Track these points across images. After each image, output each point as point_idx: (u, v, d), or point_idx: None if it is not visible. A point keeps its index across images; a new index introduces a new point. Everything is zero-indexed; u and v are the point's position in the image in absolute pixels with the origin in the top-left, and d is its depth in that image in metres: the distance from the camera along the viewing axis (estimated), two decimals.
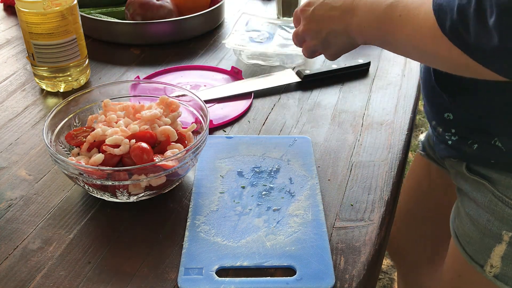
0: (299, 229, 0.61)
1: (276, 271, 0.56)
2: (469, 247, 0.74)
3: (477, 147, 0.69)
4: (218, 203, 0.65)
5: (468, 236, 0.74)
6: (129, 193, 0.62)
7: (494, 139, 0.66)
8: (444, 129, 0.73)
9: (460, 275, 0.78)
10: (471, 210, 0.73)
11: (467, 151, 0.70)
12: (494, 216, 0.69)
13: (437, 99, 0.72)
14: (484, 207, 0.70)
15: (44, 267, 0.57)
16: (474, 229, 0.72)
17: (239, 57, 0.99)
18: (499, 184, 0.68)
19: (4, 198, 0.66)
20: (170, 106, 0.70)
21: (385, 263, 1.70)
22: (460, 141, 0.71)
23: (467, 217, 0.74)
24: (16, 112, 0.83)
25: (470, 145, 0.69)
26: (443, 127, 0.73)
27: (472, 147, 0.69)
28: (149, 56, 1.01)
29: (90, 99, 0.73)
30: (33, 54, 0.85)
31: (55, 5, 0.81)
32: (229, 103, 0.86)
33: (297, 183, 0.68)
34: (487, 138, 0.67)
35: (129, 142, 0.62)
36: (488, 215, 0.70)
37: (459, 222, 0.76)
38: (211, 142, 0.75)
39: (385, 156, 0.74)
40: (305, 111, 0.84)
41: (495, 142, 0.66)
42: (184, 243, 0.59)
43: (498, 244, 0.69)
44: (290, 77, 0.92)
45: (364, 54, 1.00)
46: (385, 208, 0.65)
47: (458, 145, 0.71)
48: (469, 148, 0.70)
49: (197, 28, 1.07)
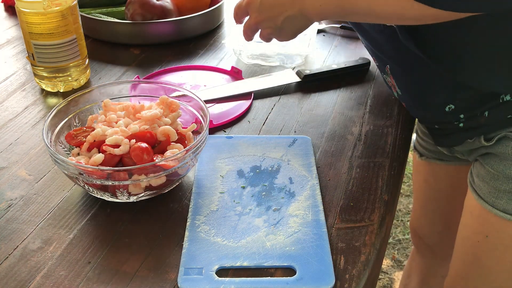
0: (299, 229, 0.61)
1: (276, 271, 0.56)
2: (498, 201, 0.73)
3: (489, 113, 0.70)
4: (218, 203, 0.65)
5: (495, 190, 0.73)
6: (129, 193, 0.62)
7: (501, 96, 0.68)
8: (450, 120, 0.74)
9: (487, 236, 0.77)
10: (494, 165, 0.72)
11: (481, 122, 0.71)
12: None
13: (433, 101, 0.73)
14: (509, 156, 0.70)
15: (44, 267, 0.57)
16: (500, 183, 0.72)
17: (239, 57, 0.99)
18: None
19: (4, 198, 0.66)
20: (170, 106, 0.70)
21: (385, 263, 1.70)
22: (471, 118, 0.72)
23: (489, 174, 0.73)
24: (16, 112, 0.83)
25: (481, 115, 0.70)
26: (449, 120, 0.74)
27: (484, 115, 0.70)
28: (149, 56, 1.01)
29: (90, 99, 0.73)
30: (33, 54, 0.85)
31: (55, 5, 0.81)
32: (229, 103, 0.86)
33: (297, 183, 0.68)
34: (494, 100, 0.68)
35: (129, 142, 0.62)
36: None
37: (481, 182, 0.75)
38: (211, 142, 0.75)
39: (385, 156, 0.74)
40: (305, 111, 0.84)
41: (502, 99, 0.68)
42: (184, 243, 0.59)
43: None
44: (290, 77, 0.92)
45: (364, 54, 1.00)
46: (385, 208, 0.65)
47: (470, 124, 0.72)
48: (482, 118, 0.71)
49: (197, 28, 1.07)
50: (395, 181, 0.70)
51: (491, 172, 0.73)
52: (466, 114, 0.72)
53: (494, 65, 0.67)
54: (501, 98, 0.68)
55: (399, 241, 1.78)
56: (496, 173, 0.72)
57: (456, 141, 0.77)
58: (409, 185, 2.01)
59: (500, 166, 0.72)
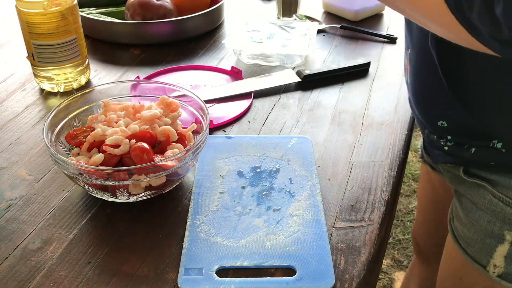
0: (299, 229, 0.61)
1: (276, 271, 0.56)
2: (470, 248, 0.74)
3: (475, 150, 0.68)
4: (218, 203, 0.65)
5: (468, 237, 0.74)
6: (129, 193, 0.62)
7: (492, 141, 0.66)
8: (439, 136, 0.73)
9: (461, 278, 0.78)
10: (470, 212, 0.72)
11: (465, 156, 0.70)
12: (495, 217, 0.69)
13: (431, 108, 0.72)
14: (484, 208, 0.70)
15: (44, 267, 0.57)
16: (474, 231, 0.72)
17: (239, 57, 0.99)
18: (499, 185, 0.67)
19: (4, 198, 0.66)
20: (170, 106, 0.70)
21: (385, 263, 1.70)
22: (457, 146, 0.70)
23: (466, 218, 0.73)
24: (16, 112, 0.83)
25: (467, 149, 0.69)
26: (437, 135, 0.73)
27: (470, 151, 0.69)
28: (149, 56, 1.01)
29: (90, 99, 0.73)
30: (33, 54, 0.85)
31: (55, 5, 0.81)
32: (229, 103, 0.86)
33: (297, 183, 0.68)
34: (486, 141, 0.67)
35: (129, 142, 0.62)
36: (489, 216, 0.69)
37: (458, 224, 0.76)
38: (211, 142, 0.75)
39: (385, 156, 0.74)
40: (305, 111, 0.84)
41: (493, 145, 0.66)
42: (184, 243, 0.59)
43: (501, 244, 0.69)
44: (290, 77, 0.92)
45: (364, 54, 1.00)
46: (385, 208, 0.65)
47: (454, 151, 0.71)
48: (467, 153, 0.69)
49: (197, 28, 1.07)
50: (395, 181, 0.70)
51: (468, 218, 0.73)
52: (454, 138, 0.71)
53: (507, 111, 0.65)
54: (492, 143, 0.66)
55: (399, 241, 1.78)
56: (472, 220, 0.72)
57: (437, 158, 0.75)
58: (409, 185, 2.01)
59: (475, 215, 0.71)
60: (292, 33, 1.02)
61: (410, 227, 1.84)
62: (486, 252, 0.71)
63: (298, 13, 1.15)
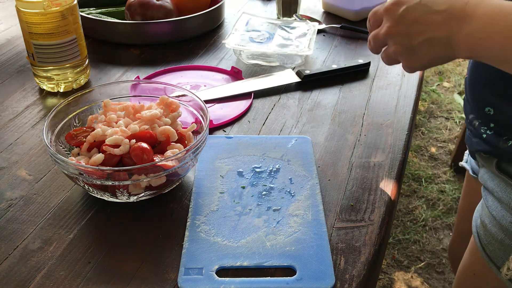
0: (299, 229, 0.61)
1: (276, 271, 0.56)
2: (489, 247, 0.73)
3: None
4: (218, 203, 0.65)
5: (489, 235, 0.73)
6: (129, 193, 0.62)
7: None
8: (481, 123, 0.72)
9: (475, 274, 0.77)
10: (495, 210, 0.72)
11: (501, 147, 0.69)
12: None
13: (483, 92, 0.70)
14: (508, 209, 0.69)
15: (44, 267, 0.57)
16: (496, 230, 0.71)
17: (239, 57, 0.99)
18: None
19: (4, 198, 0.66)
20: (170, 106, 0.70)
21: (385, 263, 1.70)
22: (495, 136, 0.70)
23: (490, 217, 0.73)
24: (16, 112, 0.83)
25: (505, 141, 0.69)
26: (481, 121, 0.72)
27: (507, 143, 0.68)
28: (149, 56, 1.01)
29: (90, 99, 0.73)
30: (33, 54, 0.85)
31: (55, 5, 0.81)
32: (229, 103, 0.86)
33: (297, 183, 0.68)
34: None
35: (129, 142, 0.62)
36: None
37: (482, 221, 0.75)
38: (211, 142, 0.75)
39: (385, 156, 0.74)
40: (305, 111, 0.84)
41: None
42: (184, 243, 0.59)
43: None
44: (290, 77, 0.92)
45: (364, 54, 1.00)
46: (385, 208, 0.65)
47: (492, 140, 0.70)
48: (504, 144, 0.69)
49: (197, 28, 1.07)
50: (395, 181, 0.70)
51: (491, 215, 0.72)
52: (495, 127, 0.70)
53: None
54: None
55: (399, 241, 1.78)
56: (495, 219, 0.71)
57: (474, 146, 0.75)
58: (409, 185, 2.01)
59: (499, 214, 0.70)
60: (292, 33, 1.02)
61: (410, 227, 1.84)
62: (503, 253, 0.70)
63: (298, 13, 1.15)
